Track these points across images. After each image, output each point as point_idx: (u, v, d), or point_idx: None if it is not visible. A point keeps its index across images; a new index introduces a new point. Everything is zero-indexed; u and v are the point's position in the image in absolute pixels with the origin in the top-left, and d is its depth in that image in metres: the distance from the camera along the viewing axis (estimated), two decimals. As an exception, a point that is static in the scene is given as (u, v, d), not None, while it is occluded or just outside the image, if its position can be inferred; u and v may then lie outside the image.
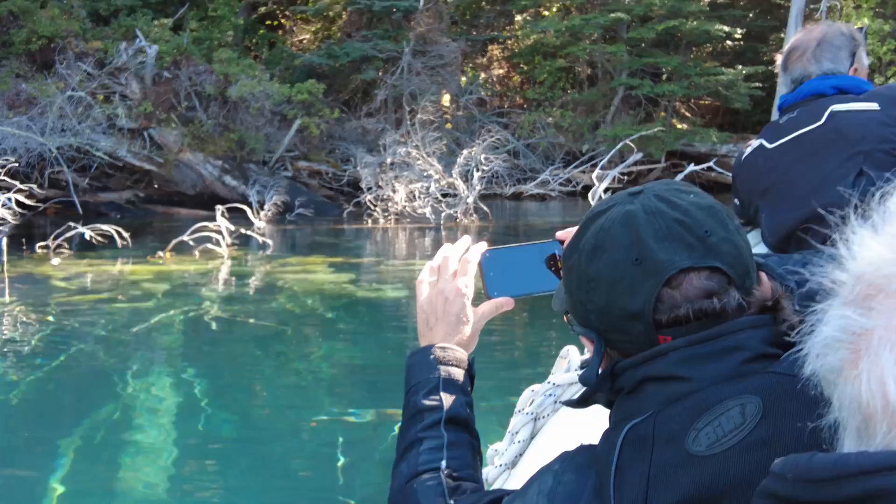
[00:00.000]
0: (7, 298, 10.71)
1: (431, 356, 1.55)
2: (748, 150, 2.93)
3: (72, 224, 13.46)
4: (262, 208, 17.56)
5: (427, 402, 1.50)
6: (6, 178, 12.91)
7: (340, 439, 5.99)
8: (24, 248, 13.77)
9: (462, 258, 1.64)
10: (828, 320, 0.80)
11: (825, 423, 0.82)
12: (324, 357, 8.51)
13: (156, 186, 20.11)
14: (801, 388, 0.98)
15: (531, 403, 2.13)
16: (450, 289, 1.60)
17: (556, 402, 2.11)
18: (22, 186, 12.96)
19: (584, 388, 1.26)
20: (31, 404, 6.96)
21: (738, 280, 1.16)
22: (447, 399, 1.50)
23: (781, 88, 3.45)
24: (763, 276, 1.22)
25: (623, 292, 1.16)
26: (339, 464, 5.60)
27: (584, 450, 1.21)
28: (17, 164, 15.09)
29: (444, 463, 1.44)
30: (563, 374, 2.16)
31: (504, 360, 8.57)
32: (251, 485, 5.39)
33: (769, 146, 2.83)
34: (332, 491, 5.27)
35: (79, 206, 17.98)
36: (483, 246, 1.65)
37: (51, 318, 9.54)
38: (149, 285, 11.38)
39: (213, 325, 9.71)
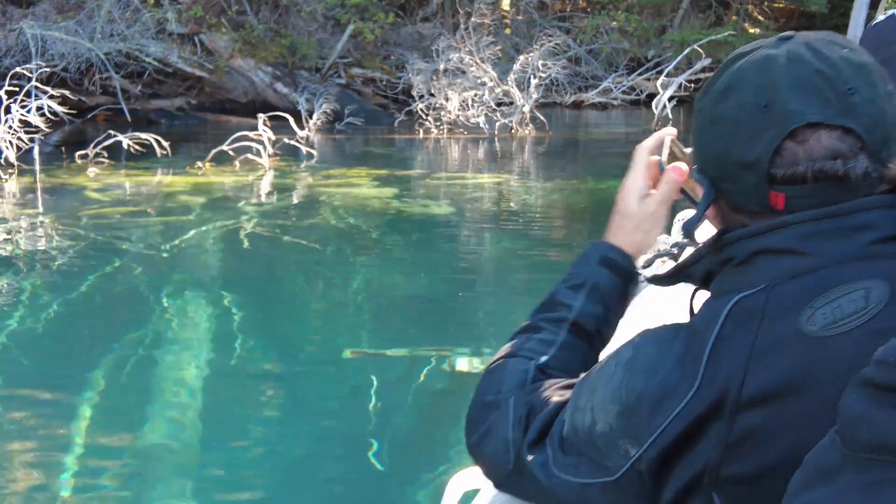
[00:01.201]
0: (40, 209, 10.45)
1: (596, 252, 1.46)
2: (879, 18, 2.68)
3: (111, 132, 13.03)
4: (310, 117, 17.06)
5: (565, 297, 1.43)
6: (38, 84, 12.50)
7: (375, 373, 5.67)
8: (64, 156, 13.47)
9: (640, 147, 1.46)
10: None
11: None
12: (365, 281, 8.06)
13: (208, 93, 19.73)
14: None
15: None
16: (628, 183, 1.45)
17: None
18: (54, 93, 12.54)
19: (676, 264, 1.22)
20: (58, 324, 6.68)
21: (873, 147, 1.08)
22: (585, 304, 1.42)
23: None
24: None
25: (744, 138, 1.11)
26: (373, 399, 5.31)
27: (666, 327, 1.17)
28: (48, 69, 14.72)
29: (544, 358, 1.38)
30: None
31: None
32: (282, 414, 5.17)
33: None
34: (364, 424, 4.99)
35: (127, 113, 17.67)
36: (672, 131, 1.46)
37: (80, 232, 9.20)
38: (185, 198, 11.01)
39: (250, 242, 9.31)
